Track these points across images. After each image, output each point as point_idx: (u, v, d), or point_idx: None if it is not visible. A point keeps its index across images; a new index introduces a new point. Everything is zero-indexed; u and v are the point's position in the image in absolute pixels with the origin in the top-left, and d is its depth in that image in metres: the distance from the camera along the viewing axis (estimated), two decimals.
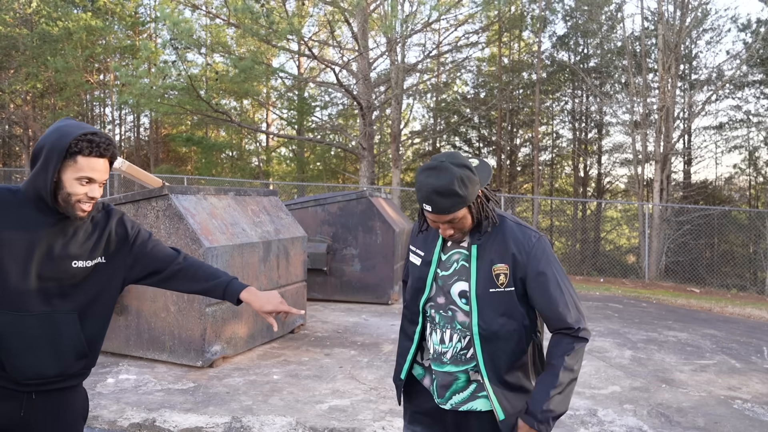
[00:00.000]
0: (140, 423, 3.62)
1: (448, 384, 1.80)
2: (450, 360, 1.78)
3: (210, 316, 4.69)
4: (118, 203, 4.98)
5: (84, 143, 1.63)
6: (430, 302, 1.83)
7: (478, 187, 1.68)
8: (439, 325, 1.80)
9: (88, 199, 1.68)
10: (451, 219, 1.67)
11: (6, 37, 19.22)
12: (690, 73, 19.28)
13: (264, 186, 21.20)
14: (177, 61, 14.48)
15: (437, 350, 1.81)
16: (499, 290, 1.70)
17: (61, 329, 1.71)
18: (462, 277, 1.75)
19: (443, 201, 1.63)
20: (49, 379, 1.72)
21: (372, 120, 15.21)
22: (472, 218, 1.71)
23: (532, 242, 1.72)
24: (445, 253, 1.82)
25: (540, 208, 20.24)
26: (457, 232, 1.72)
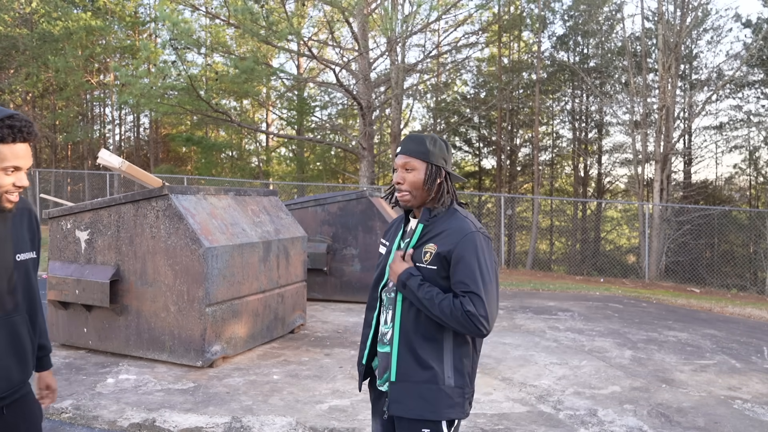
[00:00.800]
0: (140, 423, 3.62)
1: (387, 365, 1.86)
2: (389, 340, 1.86)
3: (210, 316, 4.69)
4: (118, 203, 4.98)
5: (5, 130, 1.50)
6: (385, 288, 1.93)
7: (442, 161, 1.86)
8: (386, 307, 1.90)
9: (16, 189, 1.57)
10: (405, 163, 1.84)
11: (6, 37, 19.22)
12: (690, 73, 19.28)
13: (264, 186, 21.20)
14: (177, 61, 14.49)
15: (383, 331, 1.90)
16: (422, 266, 1.80)
17: (20, 331, 1.63)
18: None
19: (411, 143, 1.85)
20: (15, 387, 1.64)
21: (372, 120, 15.21)
22: (424, 180, 1.83)
23: (466, 232, 1.79)
24: (403, 240, 1.94)
25: (540, 208, 20.24)
26: (406, 184, 1.84)
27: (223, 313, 4.86)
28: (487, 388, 4.44)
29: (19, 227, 1.70)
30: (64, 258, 5.20)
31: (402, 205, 1.91)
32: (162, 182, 5.14)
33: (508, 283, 10.81)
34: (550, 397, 4.29)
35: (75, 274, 5.02)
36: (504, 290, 9.87)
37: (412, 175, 1.85)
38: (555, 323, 6.95)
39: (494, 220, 19.82)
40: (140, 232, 4.88)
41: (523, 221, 21.88)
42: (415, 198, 1.87)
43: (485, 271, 1.75)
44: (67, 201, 10.85)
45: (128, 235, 4.93)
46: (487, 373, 4.86)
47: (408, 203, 1.88)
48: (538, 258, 20.13)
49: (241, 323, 5.10)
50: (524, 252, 20.67)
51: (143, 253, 4.86)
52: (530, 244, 19.10)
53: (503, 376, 4.76)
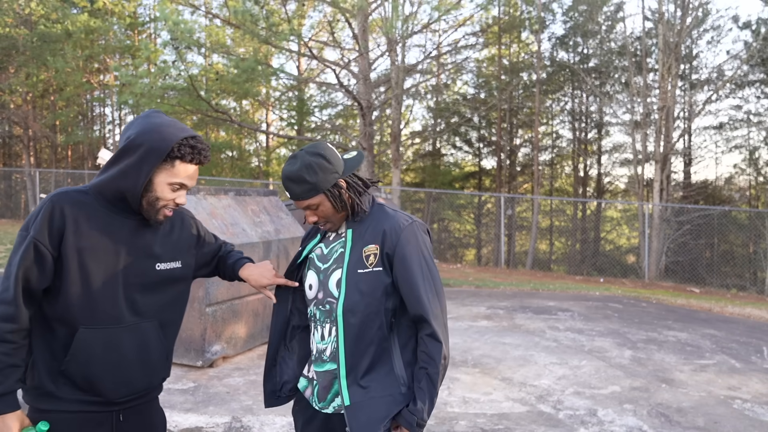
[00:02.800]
0: None
1: (329, 385, 1.73)
2: (329, 357, 1.73)
3: (210, 316, 4.70)
4: None
5: (187, 149, 1.55)
6: (313, 300, 1.78)
7: (333, 176, 1.69)
8: (320, 321, 1.75)
9: (175, 206, 1.62)
10: (307, 205, 1.71)
11: (6, 37, 19.22)
12: (690, 73, 19.28)
13: (264, 186, 21.21)
14: (177, 61, 14.49)
15: (318, 348, 1.76)
16: (368, 270, 1.68)
17: (149, 339, 1.63)
18: (339, 264, 1.73)
19: (295, 187, 1.69)
20: (139, 393, 1.64)
21: (372, 120, 15.21)
22: (333, 206, 1.71)
23: (404, 224, 1.71)
24: (327, 246, 1.81)
25: (540, 208, 20.24)
26: (322, 219, 1.74)
27: (223, 313, 4.87)
28: (487, 388, 4.45)
29: (167, 236, 1.70)
30: None
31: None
32: None
33: (508, 283, 10.82)
34: (550, 397, 4.29)
35: None
36: (504, 290, 9.88)
37: (320, 211, 1.72)
38: (555, 323, 6.95)
39: (494, 220, 19.82)
40: None
41: (523, 221, 21.88)
42: (339, 221, 1.76)
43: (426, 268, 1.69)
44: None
45: None
46: (487, 372, 4.86)
47: (333, 228, 1.78)
48: (538, 258, 20.14)
49: (241, 323, 5.10)
50: (524, 252, 20.68)
51: None
52: (530, 244, 19.11)
53: (503, 376, 4.77)
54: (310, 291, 1.79)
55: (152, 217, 1.59)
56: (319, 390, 1.76)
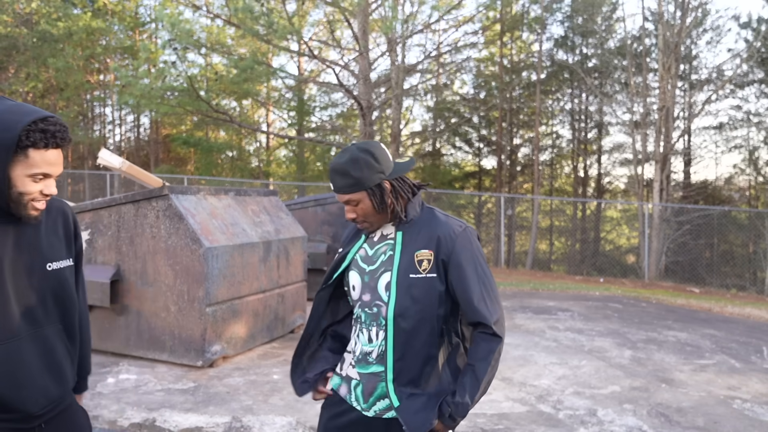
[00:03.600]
0: (140, 423, 3.63)
1: (372, 387, 1.73)
2: (376, 359, 1.72)
3: (210, 316, 4.70)
4: (118, 203, 4.99)
5: (37, 134, 1.37)
6: (358, 302, 1.77)
7: (378, 176, 1.68)
8: (366, 324, 1.75)
9: (43, 197, 1.46)
10: (348, 200, 1.70)
11: (6, 37, 19.22)
12: (690, 73, 19.29)
13: (264, 186, 21.21)
14: (177, 61, 14.50)
15: (364, 351, 1.75)
16: (421, 276, 1.67)
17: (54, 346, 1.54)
18: (389, 267, 1.71)
19: (338, 179, 1.69)
20: (56, 402, 1.56)
21: (372, 120, 15.21)
22: (373, 206, 1.70)
23: (458, 230, 1.71)
24: (371, 248, 1.79)
25: (540, 208, 20.24)
26: (360, 217, 1.72)
27: (224, 313, 4.87)
28: None
29: (51, 233, 1.58)
30: None
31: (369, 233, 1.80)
32: (162, 182, 5.15)
33: (508, 283, 10.82)
34: (550, 397, 4.29)
35: None
36: (504, 290, 9.88)
37: (360, 208, 1.71)
38: (555, 323, 6.95)
39: (494, 220, 19.82)
40: (140, 232, 4.89)
41: (523, 221, 21.88)
42: (377, 222, 1.74)
43: (482, 273, 1.70)
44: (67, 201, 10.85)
45: (128, 235, 4.94)
46: None
47: (371, 229, 1.76)
48: (538, 258, 20.15)
49: (241, 323, 5.11)
50: (524, 252, 20.68)
51: (143, 253, 4.87)
52: (530, 244, 19.11)
53: (503, 376, 4.77)
54: (353, 292, 1.78)
55: (23, 213, 1.44)
56: (363, 391, 1.75)
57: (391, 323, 1.66)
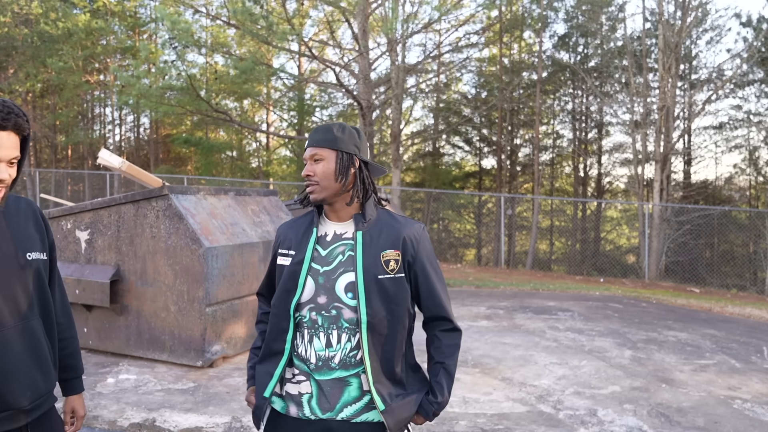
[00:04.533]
0: (140, 423, 3.62)
1: (339, 392, 1.66)
2: (339, 364, 1.65)
3: (210, 316, 4.69)
4: (118, 203, 4.99)
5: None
6: (309, 305, 1.67)
7: (353, 147, 1.70)
8: (323, 328, 1.66)
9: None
10: (314, 154, 1.68)
11: (5, 37, 19.22)
12: (690, 73, 19.28)
13: (264, 186, 21.21)
14: (177, 61, 14.50)
15: (322, 356, 1.66)
16: (389, 277, 1.66)
17: (39, 337, 1.51)
18: (349, 267, 1.66)
19: (316, 134, 1.70)
20: (45, 397, 1.54)
21: (372, 120, 15.21)
22: (336, 170, 1.67)
23: (420, 230, 1.74)
24: (324, 248, 1.72)
25: (540, 208, 20.24)
26: (317, 176, 1.67)
27: (224, 313, 4.87)
28: (487, 388, 4.45)
29: (24, 225, 1.56)
30: (65, 258, 5.20)
31: (312, 202, 1.72)
32: (162, 182, 5.14)
33: (508, 283, 10.82)
34: (550, 397, 4.29)
35: (75, 274, 5.02)
36: (504, 290, 9.88)
37: (320, 166, 1.67)
38: (555, 323, 6.95)
39: (494, 220, 19.82)
40: (140, 232, 4.88)
41: (523, 221, 21.88)
42: (326, 190, 1.68)
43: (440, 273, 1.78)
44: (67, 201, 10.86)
45: (128, 235, 4.94)
46: (487, 372, 4.86)
47: (318, 197, 1.69)
48: (538, 258, 20.14)
49: (241, 323, 5.10)
50: (524, 252, 20.68)
51: (143, 253, 4.87)
52: (530, 244, 19.11)
53: (503, 376, 4.77)
54: (302, 294, 1.68)
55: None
56: (327, 399, 1.67)
57: (365, 325, 1.62)
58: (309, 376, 1.68)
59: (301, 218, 1.81)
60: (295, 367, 1.71)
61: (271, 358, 1.73)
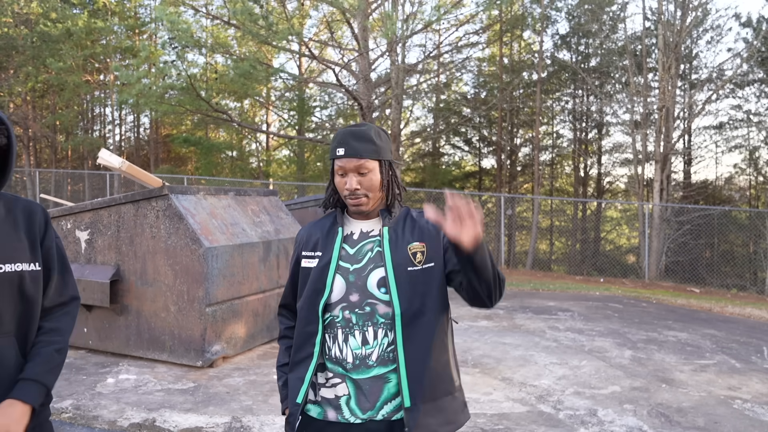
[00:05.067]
0: (140, 423, 3.62)
1: (378, 390, 1.63)
2: (377, 361, 1.63)
3: (210, 316, 4.69)
4: (118, 203, 4.98)
5: None
6: (341, 304, 1.65)
7: (390, 153, 1.69)
8: (358, 326, 1.64)
9: None
10: (359, 167, 1.62)
11: (5, 37, 19.22)
12: (690, 73, 19.29)
13: (264, 186, 21.21)
14: (176, 60, 14.49)
15: (359, 355, 1.63)
16: (418, 269, 1.64)
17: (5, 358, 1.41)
18: (379, 263, 1.65)
19: (357, 144, 1.61)
20: None
21: (372, 120, 15.21)
22: (382, 180, 1.66)
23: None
24: (352, 247, 1.70)
25: (540, 208, 20.24)
26: (363, 189, 1.64)
27: (223, 313, 4.86)
28: (487, 388, 4.44)
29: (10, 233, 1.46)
30: None
31: (355, 211, 1.69)
32: (162, 182, 5.14)
33: (508, 283, 10.82)
34: (550, 397, 4.29)
35: (75, 274, 5.02)
36: (504, 290, 9.87)
37: (368, 179, 1.64)
38: (555, 323, 6.95)
39: (494, 220, 19.82)
40: (140, 232, 4.88)
41: (523, 221, 21.88)
42: (374, 200, 1.68)
43: None
44: (67, 201, 10.86)
45: (128, 235, 4.94)
46: (487, 372, 4.86)
47: (365, 208, 1.67)
48: (538, 258, 20.14)
49: (241, 323, 5.10)
50: (524, 252, 20.68)
51: (143, 253, 4.87)
52: (530, 244, 19.11)
53: (503, 376, 4.77)
54: (332, 294, 1.66)
55: None
56: (366, 399, 1.63)
57: (398, 318, 1.60)
58: (345, 377, 1.65)
59: (322, 220, 1.79)
60: (328, 370, 1.68)
61: (301, 363, 1.69)
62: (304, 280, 1.72)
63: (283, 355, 1.81)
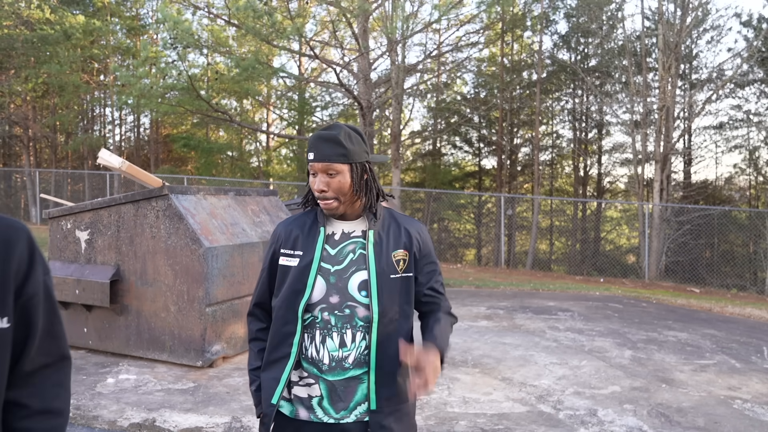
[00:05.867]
0: (140, 423, 3.62)
1: (352, 391, 1.64)
2: (353, 364, 1.63)
3: (210, 316, 4.69)
4: (118, 203, 4.99)
5: None
6: (320, 305, 1.63)
7: (364, 155, 1.67)
8: (336, 328, 1.63)
9: None
10: (327, 169, 1.61)
11: (5, 38, 19.22)
12: (690, 73, 19.29)
13: (264, 186, 21.21)
14: (177, 61, 14.49)
15: (336, 357, 1.63)
16: (399, 276, 1.67)
17: None
18: (361, 266, 1.65)
19: (326, 147, 1.60)
20: None
21: (372, 120, 15.21)
22: (352, 183, 1.63)
23: (424, 229, 1.78)
24: (333, 248, 1.68)
25: (540, 208, 20.24)
26: (332, 192, 1.62)
27: (224, 313, 4.87)
28: (487, 388, 4.44)
29: None
30: (64, 258, 5.20)
31: (327, 214, 1.68)
32: (162, 182, 5.14)
33: (508, 283, 10.82)
34: (550, 397, 4.29)
35: (75, 274, 5.02)
36: (504, 290, 9.88)
37: (336, 181, 1.61)
38: (555, 323, 6.95)
39: (494, 220, 19.82)
40: (140, 232, 4.88)
41: (523, 221, 21.89)
42: (346, 202, 1.65)
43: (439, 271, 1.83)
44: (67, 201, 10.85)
45: (128, 235, 4.94)
46: (487, 373, 4.86)
47: (336, 211, 1.65)
48: (538, 258, 20.14)
49: (241, 323, 5.10)
50: (524, 252, 20.68)
51: (143, 253, 4.87)
52: (530, 244, 19.11)
53: (503, 376, 4.77)
54: (313, 294, 1.64)
55: None
56: (335, 399, 1.65)
57: (375, 323, 1.62)
58: (318, 378, 1.65)
59: (301, 216, 1.75)
60: (303, 369, 1.67)
61: (276, 363, 1.67)
62: (281, 278, 1.69)
63: (255, 357, 1.77)
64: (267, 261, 1.75)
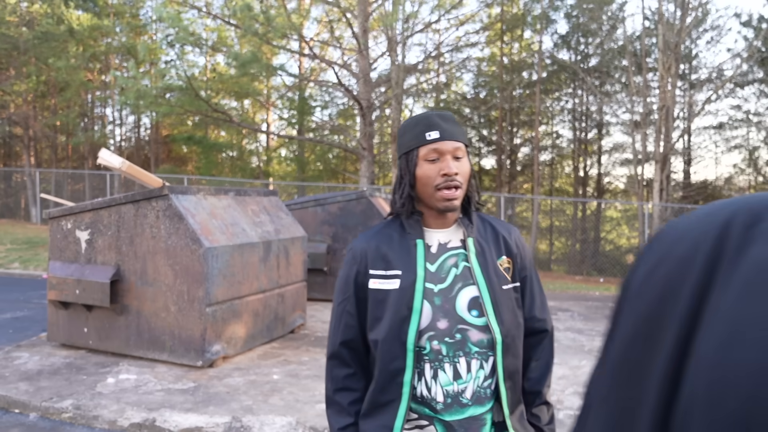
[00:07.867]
0: (140, 423, 3.63)
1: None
2: (472, 399, 1.36)
3: (210, 316, 4.70)
4: (118, 203, 4.99)
5: None
6: (428, 332, 1.35)
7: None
8: (448, 357, 1.35)
9: None
10: (457, 149, 1.36)
11: (6, 37, 19.23)
12: (690, 73, 19.30)
13: (264, 186, 21.22)
14: (176, 60, 14.50)
15: (451, 392, 1.36)
16: (510, 287, 1.42)
17: None
18: (468, 281, 1.38)
19: (451, 126, 1.37)
20: None
21: (372, 120, 15.22)
22: (471, 169, 1.41)
23: (518, 233, 1.52)
24: (432, 263, 1.40)
25: (540, 208, 20.25)
26: (460, 178, 1.36)
27: (223, 313, 4.87)
28: None
29: None
30: (65, 258, 5.21)
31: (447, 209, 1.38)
32: (162, 182, 5.15)
33: None
34: (550, 397, 4.29)
35: (75, 274, 5.03)
36: None
37: (464, 165, 1.37)
38: (555, 323, 6.96)
39: None
40: (140, 232, 4.89)
41: (523, 221, 21.89)
42: (461, 196, 1.39)
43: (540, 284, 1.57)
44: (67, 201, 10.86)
45: (128, 235, 4.94)
46: None
47: (457, 203, 1.38)
48: (538, 258, 20.16)
49: (241, 323, 5.11)
50: None
51: (143, 253, 4.87)
52: (530, 244, 19.11)
53: None
54: (421, 321, 1.36)
55: None
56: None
57: (500, 346, 1.36)
58: (432, 419, 1.37)
59: (383, 229, 1.46)
60: (411, 410, 1.40)
61: (385, 408, 1.38)
62: (378, 306, 1.39)
63: (344, 413, 1.43)
64: (349, 288, 1.44)
